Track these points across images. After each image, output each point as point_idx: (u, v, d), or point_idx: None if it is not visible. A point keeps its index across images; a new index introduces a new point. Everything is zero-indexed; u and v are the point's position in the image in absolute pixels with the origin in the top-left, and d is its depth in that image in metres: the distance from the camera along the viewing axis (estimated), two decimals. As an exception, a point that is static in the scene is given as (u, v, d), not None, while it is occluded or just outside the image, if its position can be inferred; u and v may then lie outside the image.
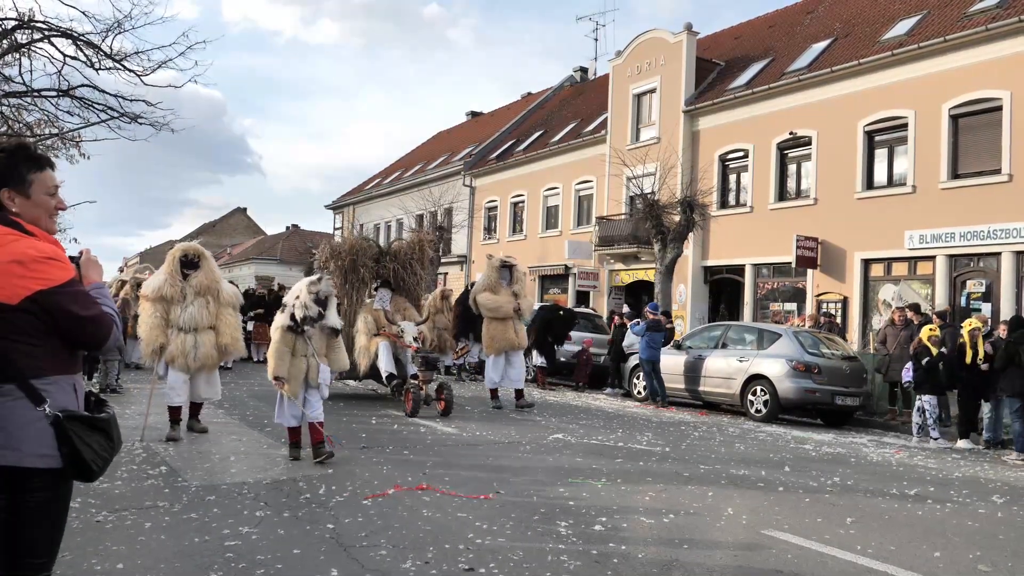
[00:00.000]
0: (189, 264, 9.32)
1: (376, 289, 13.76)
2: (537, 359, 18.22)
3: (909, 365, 12.57)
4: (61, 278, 2.74)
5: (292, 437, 8.19)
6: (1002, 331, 12.39)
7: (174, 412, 9.23)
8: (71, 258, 3.00)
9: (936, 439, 11.98)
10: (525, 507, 6.43)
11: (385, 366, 12.74)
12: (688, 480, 7.93)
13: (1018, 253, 17.55)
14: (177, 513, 5.82)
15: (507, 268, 13.80)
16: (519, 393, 13.60)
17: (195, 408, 9.66)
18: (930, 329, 12.32)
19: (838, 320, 20.10)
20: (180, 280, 9.20)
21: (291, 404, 7.97)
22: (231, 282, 12.08)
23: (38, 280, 2.69)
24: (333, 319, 8.27)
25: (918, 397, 12.47)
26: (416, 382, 11.93)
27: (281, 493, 6.61)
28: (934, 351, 12.09)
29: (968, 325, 12.00)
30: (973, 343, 11.73)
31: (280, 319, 8.09)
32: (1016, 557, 5.65)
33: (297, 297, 8.05)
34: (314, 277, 8.36)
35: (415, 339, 12.59)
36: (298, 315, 7.92)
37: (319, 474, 7.40)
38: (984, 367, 11.53)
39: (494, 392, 13.62)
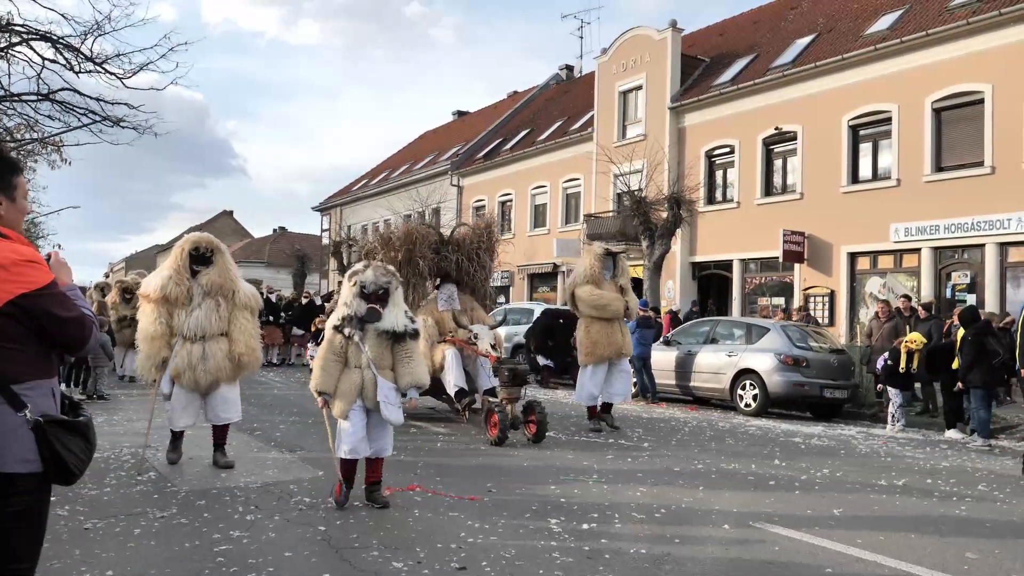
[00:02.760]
0: (200, 259, 7.70)
1: (437, 285, 11.59)
2: (542, 360, 18.18)
3: (885, 355, 12.75)
4: (42, 280, 2.75)
5: (344, 471, 6.22)
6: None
7: (176, 435, 7.93)
8: None
9: (900, 426, 12.32)
10: (516, 505, 6.44)
11: (455, 380, 10.49)
12: (679, 475, 7.96)
13: (1001, 244, 17.69)
14: (167, 519, 5.79)
15: (611, 258, 11.42)
16: (607, 408, 11.33)
17: (219, 434, 7.91)
18: (911, 342, 12.32)
19: (823, 314, 20.24)
20: (188, 278, 7.60)
21: (351, 430, 6.11)
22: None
23: (20, 284, 2.68)
24: (393, 319, 6.23)
25: (886, 388, 12.77)
26: (500, 400, 9.73)
27: (271, 496, 6.58)
28: (903, 361, 12.18)
29: None
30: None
31: (331, 318, 6.46)
32: (1003, 544, 5.69)
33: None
34: (358, 265, 6.54)
35: (493, 346, 10.44)
36: (336, 317, 6.31)
37: (309, 477, 7.38)
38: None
39: (593, 410, 11.18)
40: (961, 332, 11.55)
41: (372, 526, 5.68)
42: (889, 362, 12.39)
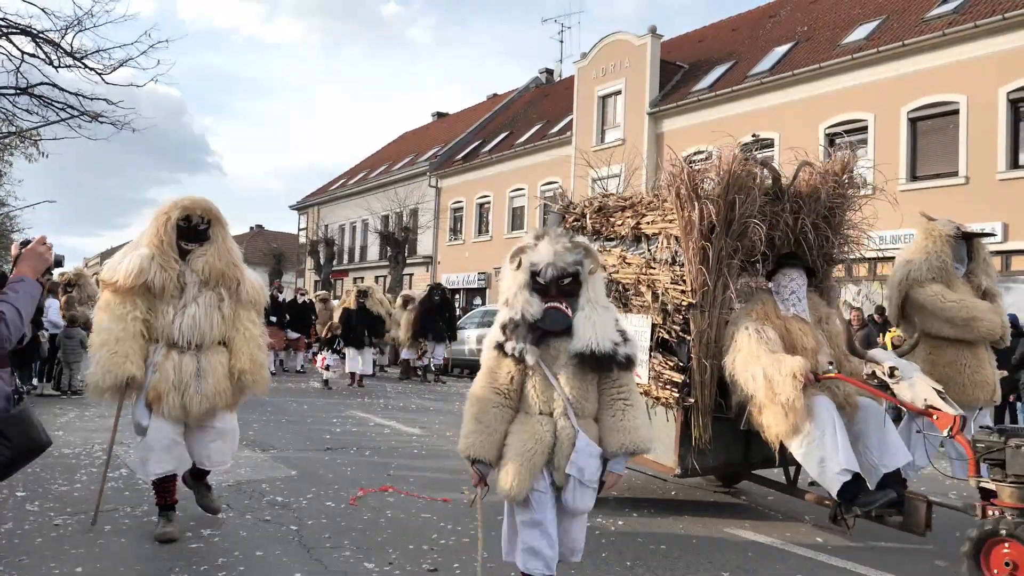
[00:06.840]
0: (192, 233, 5.35)
1: (768, 273, 6.29)
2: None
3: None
4: None
5: None
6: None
7: (162, 491, 5.33)
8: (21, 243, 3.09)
9: None
10: (489, 507, 6.41)
11: (844, 459, 5.24)
12: (652, 479, 7.98)
13: (974, 254, 17.92)
14: (138, 516, 5.74)
15: (964, 242, 7.12)
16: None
17: (200, 472, 5.70)
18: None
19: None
20: (177, 260, 5.28)
21: (537, 524, 3.76)
22: None
23: None
24: (590, 329, 3.63)
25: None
26: (1006, 512, 4.88)
27: (244, 495, 6.54)
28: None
29: None
30: None
31: (493, 333, 3.83)
32: (970, 551, 5.74)
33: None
34: (532, 234, 3.80)
35: (941, 394, 5.27)
36: (498, 321, 3.79)
37: (282, 476, 7.34)
38: None
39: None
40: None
41: (344, 527, 5.66)
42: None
